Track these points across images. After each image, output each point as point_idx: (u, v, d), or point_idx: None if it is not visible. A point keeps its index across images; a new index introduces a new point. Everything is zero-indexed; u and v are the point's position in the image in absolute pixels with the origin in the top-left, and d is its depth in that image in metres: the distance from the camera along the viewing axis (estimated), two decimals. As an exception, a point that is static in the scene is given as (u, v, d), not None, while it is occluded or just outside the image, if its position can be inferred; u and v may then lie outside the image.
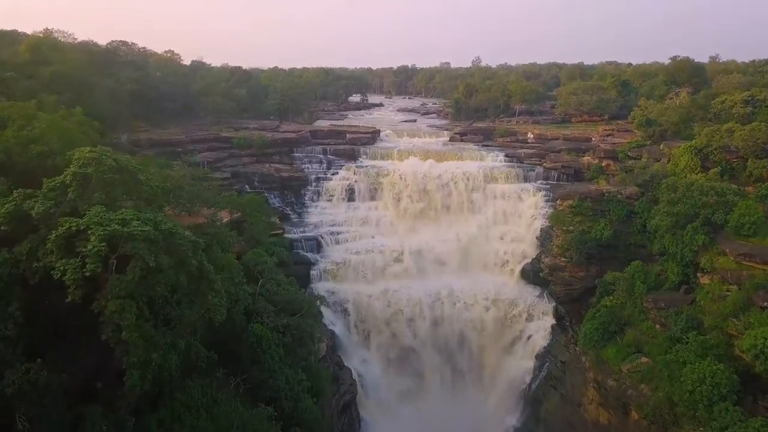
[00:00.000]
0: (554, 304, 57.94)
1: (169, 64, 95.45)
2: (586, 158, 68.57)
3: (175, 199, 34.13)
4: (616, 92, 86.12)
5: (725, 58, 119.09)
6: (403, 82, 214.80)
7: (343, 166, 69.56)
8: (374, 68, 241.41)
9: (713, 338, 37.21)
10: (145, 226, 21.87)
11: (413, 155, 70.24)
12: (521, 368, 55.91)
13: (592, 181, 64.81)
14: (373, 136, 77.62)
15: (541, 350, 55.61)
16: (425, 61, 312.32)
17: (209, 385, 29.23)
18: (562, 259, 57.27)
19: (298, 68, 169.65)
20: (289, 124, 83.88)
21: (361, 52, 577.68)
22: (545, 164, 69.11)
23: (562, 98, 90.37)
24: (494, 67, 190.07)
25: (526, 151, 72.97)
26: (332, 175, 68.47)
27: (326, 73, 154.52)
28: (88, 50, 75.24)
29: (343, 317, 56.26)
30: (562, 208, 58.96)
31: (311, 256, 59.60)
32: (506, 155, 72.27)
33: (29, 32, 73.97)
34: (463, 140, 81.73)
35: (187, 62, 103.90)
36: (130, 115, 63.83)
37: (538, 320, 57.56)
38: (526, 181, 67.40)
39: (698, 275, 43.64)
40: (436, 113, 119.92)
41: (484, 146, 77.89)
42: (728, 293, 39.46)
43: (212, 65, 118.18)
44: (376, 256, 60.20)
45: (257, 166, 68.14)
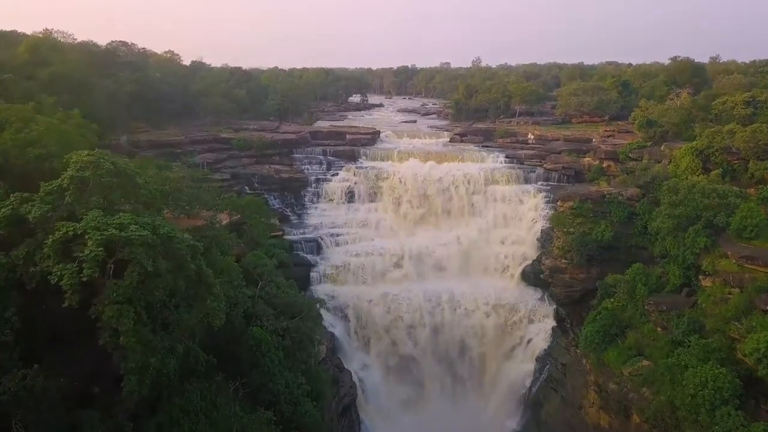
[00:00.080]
0: (555, 306, 57.75)
1: (168, 64, 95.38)
2: (586, 159, 68.40)
3: (174, 201, 33.93)
4: (616, 93, 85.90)
5: (725, 58, 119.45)
6: (403, 82, 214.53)
7: (343, 167, 69.30)
8: (374, 68, 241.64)
9: (715, 342, 36.94)
10: (142, 230, 21.68)
11: (413, 157, 69.95)
12: (521, 371, 55.64)
13: (592, 182, 64.64)
14: (373, 137, 77.41)
15: (541, 353, 55.39)
16: (425, 61, 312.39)
17: (208, 389, 28.99)
18: (562, 260, 57.04)
19: (298, 68, 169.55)
20: (288, 124, 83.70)
21: (361, 52, 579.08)
22: (546, 165, 68.87)
23: (562, 99, 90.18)
24: (494, 67, 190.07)
25: (526, 152, 72.75)
26: (332, 176, 68.24)
27: (326, 73, 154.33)
28: (87, 51, 75.08)
29: (342, 320, 56.04)
30: (562, 209, 58.73)
31: (311, 257, 59.39)
32: (507, 156, 72.03)
33: (29, 32, 74.03)
34: (463, 141, 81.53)
35: (186, 62, 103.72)
36: (129, 116, 63.73)
37: (538, 323, 57.34)
38: (526, 182, 67.14)
39: (700, 278, 43.39)
40: (436, 114, 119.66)
41: (484, 147, 77.66)
42: (730, 296, 39.24)
43: (212, 65, 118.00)
44: (376, 258, 59.92)
45: (257, 167, 67.92)
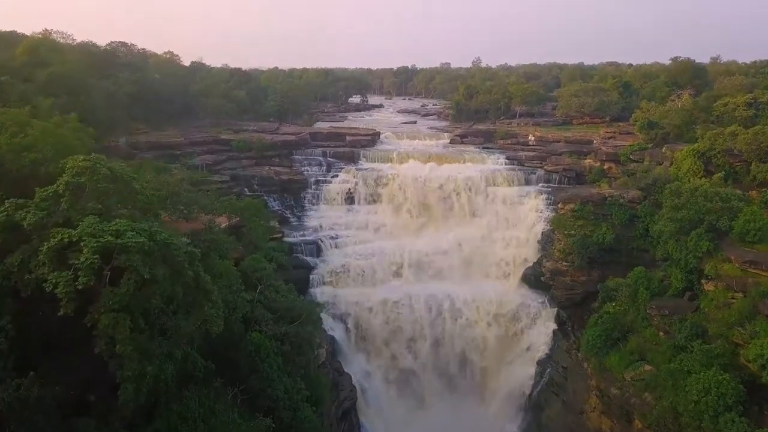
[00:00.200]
0: (556, 308, 57.44)
1: (168, 65, 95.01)
2: (587, 161, 68.16)
3: (172, 205, 33.59)
4: (617, 94, 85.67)
5: (726, 58, 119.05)
6: (403, 82, 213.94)
7: (342, 168, 69.01)
8: (374, 69, 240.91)
9: (718, 347, 36.62)
10: (139, 237, 21.33)
11: (413, 158, 69.64)
12: (522, 374, 55.35)
13: (593, 184, 64.40)
14: (373, 138, 77.12)
15: (542, 356, 55.12)
16: (425, 61, 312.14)
17: (206, 395, 28.59)
18: (563, 263, 56.79)
19: (298, 69, 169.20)
20: (288, 126, 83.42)
21: (361, 52, 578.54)
22: (546, 167, 68.57)
23: (563, 100, 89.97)
24: (494, 67, 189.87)
25: (527, 153, 72.43)
26: (332, 178, 67.96)
27: (326, 74, 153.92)
28: (86, 52, 74.79)
29: (342, 324, 55.75)
30: (563, 211, 58.46)
31: (311, 260, 59.10)
32: (507, 158, 71.68)
33: (28, 33, 73.81)
34: (463, 142, 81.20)
35: (186, 63, 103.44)
36: (128, 117, 63.42)
37: (539, 326, 57.03)
38: (527, 184, 66.87)
39: (702, 282, 43.00)
40: (436, 115, 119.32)
41: (484, 148, 77.38)
42: (733, 301, 38.90)
43: (212, 66, 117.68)
44: (376, 261, 59.69)
45: (256, 168, 67.66)
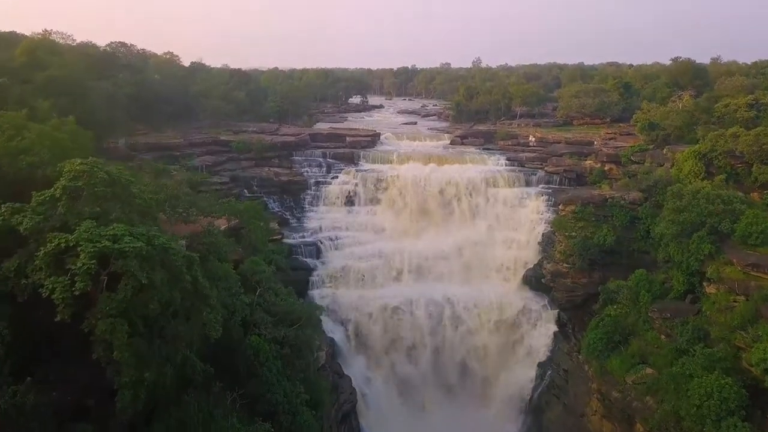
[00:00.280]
0: (556, 310, 57.22)
1: (168, 65, 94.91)
2: (588, 162, 67.93)
3: (171, 208, 33.39)
4: (618, 95, 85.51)
5: (726, 58, 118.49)
6: (403, 83, 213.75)
7: (342, 169, 68.78)
8: (374, 69, 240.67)
9: (720, 351, 36.40)
10: (137, 241, 21.17)
11: (413, 160, 69.41)
12: (523, 377, 55.14)
13: (594, 185, 64.19)
14: (373, 139, 76.93)
15: (543, 358, 54.90)
16: (425, 61, 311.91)
17: (205, 400, 28.38)
18: (564, 265, 56.54)
19: (298, 69, 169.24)
20: (288, 126, 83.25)
21: (361, 52, 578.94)
22: (547, 168, 68.33)
23: (563, 100, 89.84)
24: (494, 67, 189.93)
25: (527, 154, 72.20)
26: (332, 179, 67.76)
27: (326, 74, 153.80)
28: (86, 53, 74.50)
29: (342, 326, 55.54)
30: (564, 213, 58.21)
31: (310, 261, 58.88)
32: (508, 159, 71.46)
33: (28, 33, 73.57)
34: (464, 143, 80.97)
35: (186, 63, 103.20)
36: (128, 118, 63.10)
37: (540, 328, 56.82)
38: (527, 185, 66.61)
39: (704, 285, 42.79)
40: (436, 115, 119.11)
41: (485, 149, 77.20)
42: (735, 304, 38.67)
43: (212, 67, 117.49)
44: (376, 262, 59.45)
45: (256, 170, 67.43)
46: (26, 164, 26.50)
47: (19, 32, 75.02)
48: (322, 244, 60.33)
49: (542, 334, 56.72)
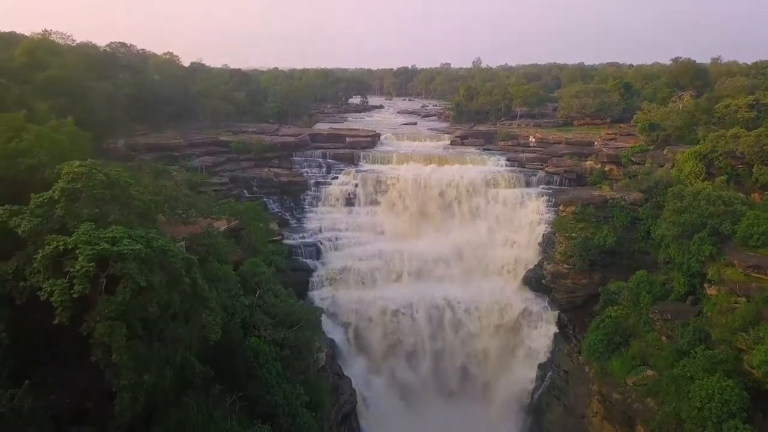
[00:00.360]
0: (557, 311, 57.12)
1: (167, 66, 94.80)
2: (588, 163, 67.82)
3: (170, 210, 33.27)
4: (618, 95, 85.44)
5: (727, 58, 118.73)
6: (403, 83, 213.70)
7: (342, 170, 68.73)
8: (374, 69, 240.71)
9: (721, 353, 36.26)
10: (135, 244, 21.07)
11: (414, 160, 69.32)
12: (523, 378, 55.18)
13: (594, 186, 64.04)
14: (373, 139, 76.85)
15: (543, 359, 54.82)
16: (425, 61, 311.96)
17: (205, 402, 28.30)
18: (564, 266, 56.44)
19: (298, 69, 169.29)
20: (288, 127, 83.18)
21: (361, 52, 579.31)
22: (547, 169, 68.26)
23: (563, 101, 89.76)
24: (494, 67, 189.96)
25: (527, 155, 72.14)
26: (332, 179, 67.69)
27: (326, 75, 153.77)
28: (86, 53, 74.48)
29: (342, 328, 55.44)
30: (564, 214, 58.11)
31: (310, 262, 58.79)
32: (508, 159, 71.42)
33: (28, 33, 73.54)
34: (464, 144, 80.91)
35: (186, 64, 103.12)
36: (127, 119, 63.06)
37: (540, 329, 56.71)
38: (527, 185, 66.54)
39: (705, 286, 42.68)
40: (436, 116, 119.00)
41: (485, 150, 77.12)
42: (737, 305, 38.55)
43: (211, 67, 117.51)
44: (376, 263, 59.33)
45: (256, 170, 67.35)
46: (24, 166, 26.41)
47: (18, 32, 75.29)
48: (322, 244, 60.26)
49: (542, 335, 56.66)
